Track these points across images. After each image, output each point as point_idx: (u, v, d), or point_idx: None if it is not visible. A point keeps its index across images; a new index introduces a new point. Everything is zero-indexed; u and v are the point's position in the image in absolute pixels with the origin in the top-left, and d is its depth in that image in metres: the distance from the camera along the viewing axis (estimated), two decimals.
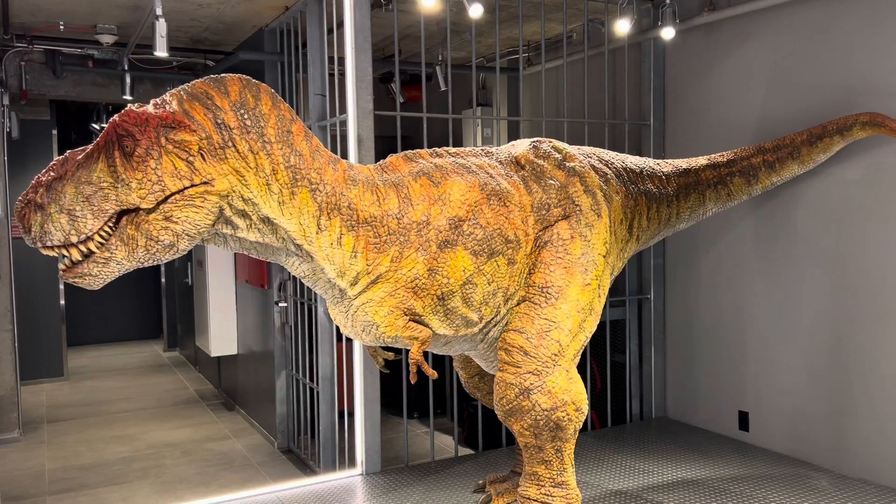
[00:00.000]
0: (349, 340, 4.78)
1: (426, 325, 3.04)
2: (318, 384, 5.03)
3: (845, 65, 4.16)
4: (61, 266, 2.55)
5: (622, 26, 4.84)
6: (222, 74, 2.67)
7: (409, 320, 2.98)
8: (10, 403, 6.47)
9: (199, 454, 6.02)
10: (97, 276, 2.54)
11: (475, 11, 4.28)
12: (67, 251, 2.48)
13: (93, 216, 2.46)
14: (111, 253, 2.51)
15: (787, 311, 4.52)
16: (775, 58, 4.54)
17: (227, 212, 2.63)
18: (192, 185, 2.52)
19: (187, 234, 2.56)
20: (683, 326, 5.29)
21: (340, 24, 4.42)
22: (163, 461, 5.87)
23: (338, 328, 4.86)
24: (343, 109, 4.46)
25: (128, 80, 6.77)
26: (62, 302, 8.76)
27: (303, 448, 5.69)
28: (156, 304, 11.41)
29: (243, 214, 2.66)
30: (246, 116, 2.61)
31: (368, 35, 4.23)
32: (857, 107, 4.09)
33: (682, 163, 3.97)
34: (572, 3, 5.17)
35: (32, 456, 6.10)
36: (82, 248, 2.48)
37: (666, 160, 3.99)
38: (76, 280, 2.53)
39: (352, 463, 4.56)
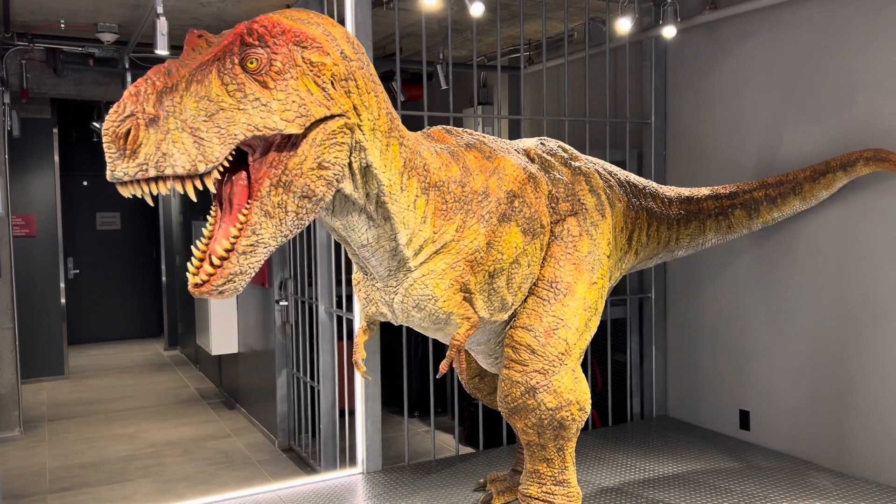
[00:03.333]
0: (350, 339, 4.77)
1: (472, 306, 2.90)
2: (318, 382, 5.03)
3: (846, 63, 4.15)
4: (195, 279, 2.04)
5: (623, 25, 4.83)
6: None
7: (464, 298, 2.82)
8: (10, 402, 6.47)
9: (199, 453, 6.02)
10: (246, 272, 2.06)
11: (476, 10, 4.28)
12: (183, 185, 1.95)
13: (219, 140, 1.95)
14: (256, 235, 2.05)
15: (789, 308, 4.51)
16: (777, 55, 4.53)
17: None
18: (331, 116, 2.15)
19: (336, 180, 2.16)
20: (684, 325, 5.29)
21: (341, 22, 4.42)
22: (163, 460, 5.88)
23: (339, 325, 4.89)
24: None
25: (129, 78, 6.76)
26: (63, 300, 8.76)
27: (303, 446, 5.69)
28: (157, 303, 11.42)
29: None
30: (357, 51, 2.31)
31: (369, 33, 4.22)
32: (860, 104, 4.09)
33: (685, 190, 3.97)
34: (573, 2, 5.17)
35: (33, 454, 6.10)
36: (206, 181, 1.97)
37: (668, 186, 3.99)
38: (225, 288, 2.02)
39: (353, 461, 4.56)
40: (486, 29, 5.96)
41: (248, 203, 2.06)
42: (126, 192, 1.94)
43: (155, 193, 1.95)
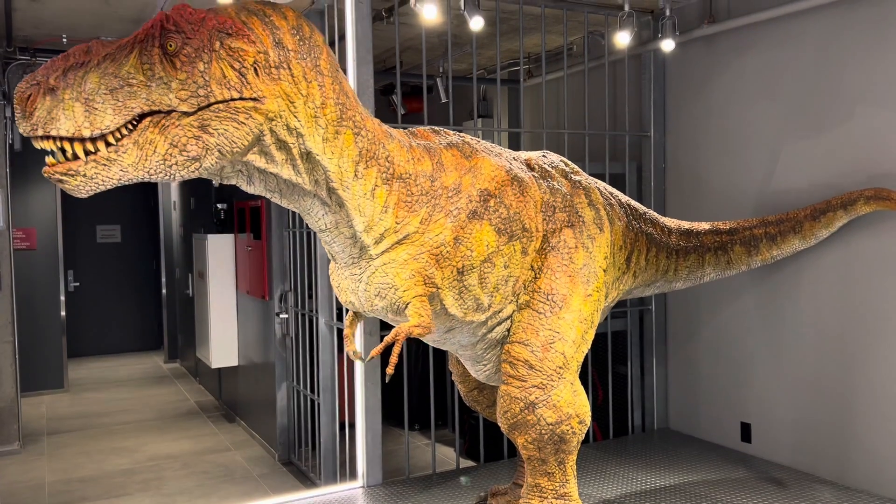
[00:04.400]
0: None
1: (441, 302, 2.91)
2: (318, 395, 5.02)
3: (845, 75, 4.17)
4: (49, 160, 2.19)
5: (622, 38, 4.86)
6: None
7: (426, 290, 2.81)
8: (10, 415, 6.46)
9: (199, 466, 6.00)
10: (92, 178, 2.17)
11: (476, 24, 4.30)
12: (71, 146, 2.14)
13: (114, 112, 2.14)
14: (118, 155, 2.18)
15: (790, 321, 4.51)
16: (775, 69, 4.56)
17: (267, 139, 2.41)
18: (240, 98, 2.29)
19: (219, 150, 2.29)
20: (685, 337, 5.28)
21: (342, 37, 4.44)
22: (163, 473, 5.86)
23: (340, 338, 4.88)
24: None
25: None
26: (63, 313, 8.76)
27: (303, 460, 5.67)
28: (156, 315, 11.41)
29: (283, 146, 2.46)
30: (302, 42, 2.45)
31: (370, 47, 4.25)
32: (857, 117, 4.11)
33: (685, 223, 3.97)
34: (572, 16, 5.20)
35: (32, 468, 6.08)
36: (90, 145, 2.14)
37: (667, 217, 4.00)
38: (64, 179, 2.15)
39: (353, 475, 4.55)
40: (485, 42, 6.00)
41: (133, 123, 2.20)
42: (36, 145, 2.18)
43: (49, 150, 2.16)
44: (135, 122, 2.20)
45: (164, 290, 10.61)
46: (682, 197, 5.23)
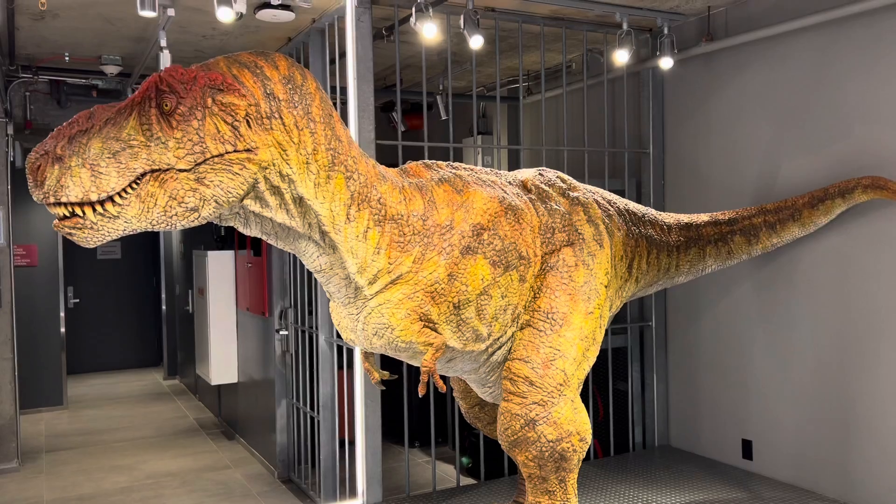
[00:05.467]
0: (350, 368, 4.76)
1: (439, 334, 2.97)
2: (318, 413, 5.01)
3: (843, 92, 4.20)
4: (60, 211, 2.31)
5: (621, 56, 4.89)
6: (267, 51, 2.63)
7: (424, 326, 2.90)
8: (9, 433, 6.44)
9: (198, 484, 5.97)
10: (99, 231, 2.31)
11: (475, 42, 4.33)
12: (82, 210, 2.28)
13: (118, 174, 2.27)
14: (121, 208, 2.30)
15: (790, 338, 4.51)
16: (773, 86, 4.58)
17: (262, 186, 2.50)
18: (234, 151, 2.40)
19: (216, 200, 2.40)
20: (685, 354, 5.28)
21: (343, 55, 4.47)
22: (162, 491, 5.82)
23: (340, 355, 4.88)
24: None
25: None
26: (62, 330, 8.74)
27: (303, 477, 5.64)
28: (156, 332, 11.39)
29: (276, 192, 2.54)
30: (294, 91, 2.53)
31: (370, 65, 4.28)
32: (855, 134, 4.13)
33: (684, 217, 3.99)
34: (571, 34, 5.24)
35: (31, 486, 6.05)
36: (99, 208, 2.28)
37: (667, 213, 4.02)
38: (73, 232, 2.30)
39: (353, 493, 4.53)
40: (485, 60, 6.03)
41: (137, 182, 2.31)
42: (50, 210, 2.31)
43: (62, 215, 2.30)
44: (138, 181, 2.32)
45: (163, 307, 10.59)
46: (682, 212, 5.23)
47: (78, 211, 2.28)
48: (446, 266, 2.90)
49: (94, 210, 2.28)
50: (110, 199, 2.28)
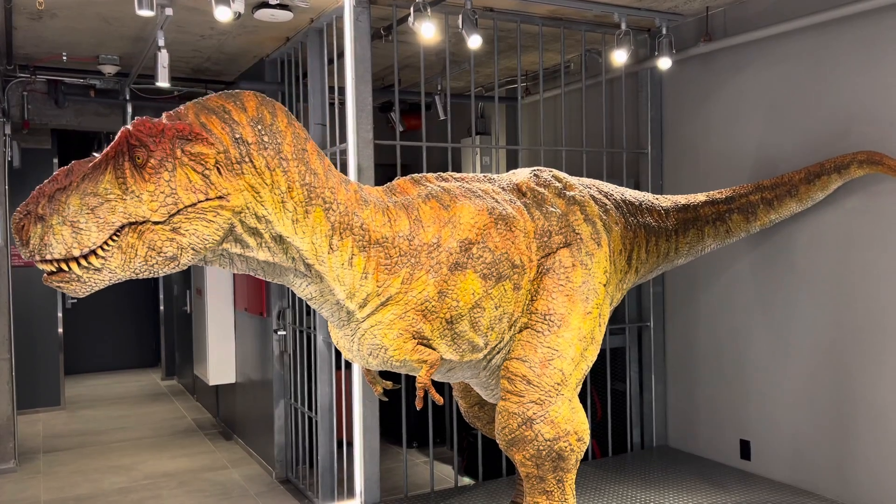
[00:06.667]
0: (348, 369, 4.76)
1: (434, 350, 3.00)
2: (316, 413, 5.00)
3: (841, 93, 4.20)
4: (47, 268, 2.40)
5: (619, 56, 4.89)
6: (237, 90, 2.63)
7: (418, 343, 2.93)
8: (6, 433, 6.42)
9: (196, 484, 5.96)
10: (86, 282, 2.39)
11: (474, 42, 4.33)
12: (67, 265, 2.36)
13: (97, 228, 2.34)
14: (105, 260, 2.38)
15: (788, 338, 4.51)
16: (771, 87, 4.59)
17: (238, 229, 2.55)
18: (206, 199, 2.44)
19: (192, 248, 2.46)
20: (684, 354, 5.28)
21: (341, 55, 4.47)
22: (159, 492, 5.82)
23: (338, 355, 4.87)
24: (343, 139, 4.49)
25: (129, 109, 6.82)
26: (60, 330, 8.72)
27: (301, 478, 5.64)
28: (154, 333, 11.37)
29: (255, 232, 2.59)
30: (263, 132, 2.56)
31: (369, 65, 4.27)
32: (853, 134, 4.13)
33: (681, 198, 4.00)
34: (570, 34, 5.24)
35: (28, 486, 6.04)
36: (83, 262, 2.36)
37: (664, 196, 4.02)
38: (61, 285, 2.38)
39: (350, 493, 4.52)
40: (483, 60, 6.03)
41: (117, 234, 2.39)
42: (38, 266, 2.39)
43: (49, 270, 2.37)
44: (118, 233, 2.39)
45: (161, 307, 10.57)
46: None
47: (63, 266, 2.35)
48: (435, 284, 2.92)
49: (79, 264, 2.35)
50: (93, 252, 2.35)
